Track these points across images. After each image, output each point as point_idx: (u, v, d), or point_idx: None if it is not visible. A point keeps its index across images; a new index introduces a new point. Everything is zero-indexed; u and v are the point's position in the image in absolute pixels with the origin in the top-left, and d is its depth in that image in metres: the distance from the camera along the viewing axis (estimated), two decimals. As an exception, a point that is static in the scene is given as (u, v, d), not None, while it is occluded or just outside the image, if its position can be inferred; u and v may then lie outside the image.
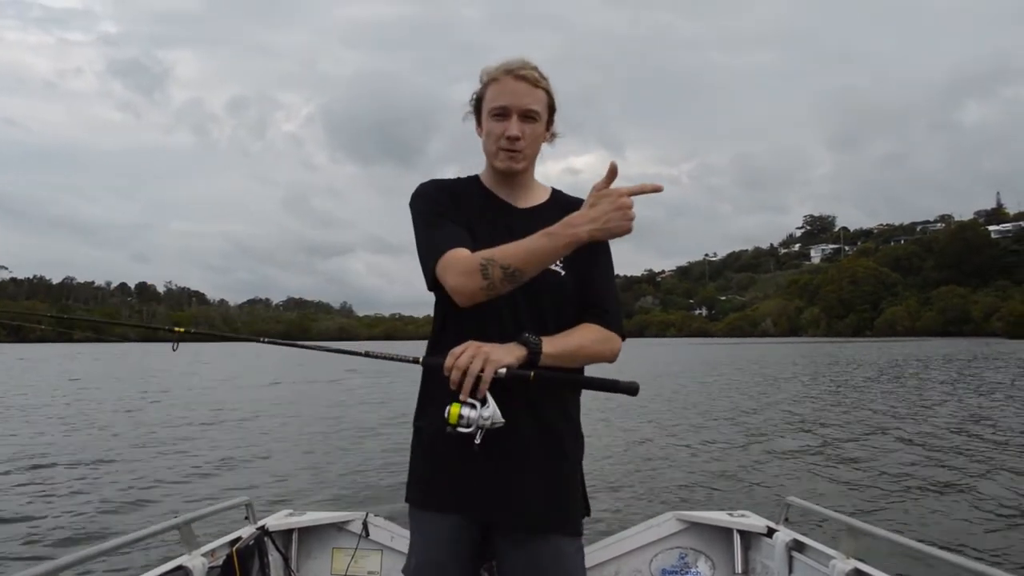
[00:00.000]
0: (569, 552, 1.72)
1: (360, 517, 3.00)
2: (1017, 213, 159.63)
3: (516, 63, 1.72)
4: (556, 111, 1.79)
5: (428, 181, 1.85)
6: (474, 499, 1.68)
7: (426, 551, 1.75)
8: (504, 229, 1.73)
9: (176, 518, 2.46)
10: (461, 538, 1.72)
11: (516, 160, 1.73)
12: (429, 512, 1.75)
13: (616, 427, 12.09)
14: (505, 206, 1.80)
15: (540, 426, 1.69)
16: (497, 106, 1.71)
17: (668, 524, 2.97)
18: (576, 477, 1.78)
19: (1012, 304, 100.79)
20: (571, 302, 1.74)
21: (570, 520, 1.73)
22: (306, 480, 8.27)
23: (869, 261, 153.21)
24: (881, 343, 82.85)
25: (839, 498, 7.21)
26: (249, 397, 19.00)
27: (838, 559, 2.36)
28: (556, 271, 1.72)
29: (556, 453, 1.72)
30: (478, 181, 1.85)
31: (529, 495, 1.68)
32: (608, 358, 1.73)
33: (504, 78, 1.71)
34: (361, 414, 14.82)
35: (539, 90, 1.72)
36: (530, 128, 1.72)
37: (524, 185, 1.82)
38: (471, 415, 1.53)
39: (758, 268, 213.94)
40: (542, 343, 1.60)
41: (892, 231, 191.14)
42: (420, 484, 1.77)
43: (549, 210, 1.79)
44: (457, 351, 1.54)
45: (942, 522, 6.38)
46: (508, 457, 1.65)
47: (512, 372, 1.53)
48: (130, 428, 12.73)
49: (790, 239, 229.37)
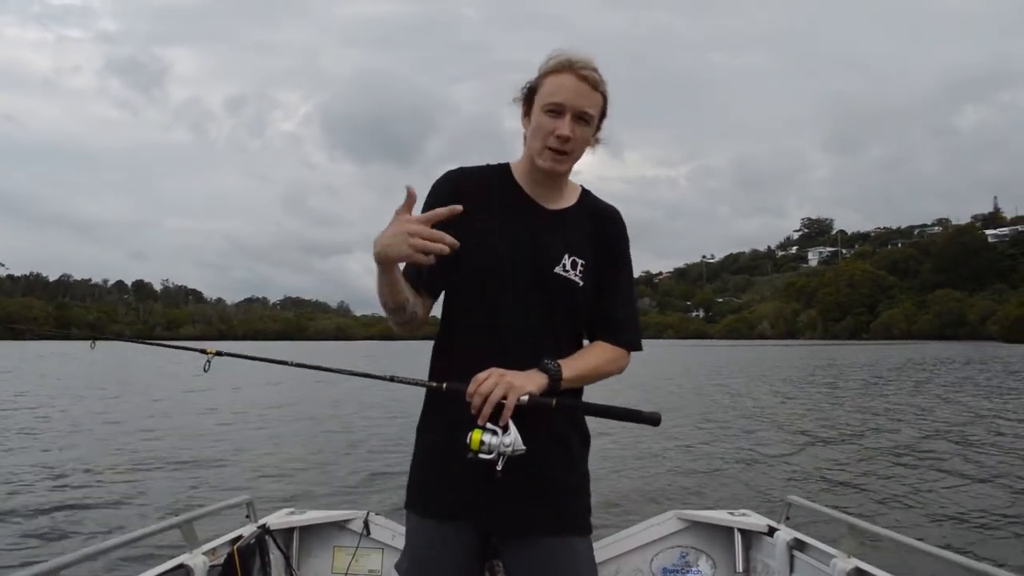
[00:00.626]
0: (580, 550, 1.69)
1: (361, 516, 2.99)
2: (1014, 217, 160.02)
3: (581, 60, 1.62)
4: (606, 117, 1.71)
5: (456, 169, 1.78)
6: (477, 508, 1.64)
7: (422, 556, 1.71)
8: (527, 232, 1.69)
9: (177, 517, 2.46)
10: (460, 544, 1.68)
11: (561, 162, 1.65)
12: (428, 519, 1.70)
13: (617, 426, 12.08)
14: (533, 207, 1.73)
15: (552, 440, 1.65)
16: (554, 102, 1.61)
17: (669, 523, 2.97)
18: (584, 478, 1.76)
19: (1008, 308, 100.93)
20: (585, 311, 1.71)
21: (579, 519, 1.70)
22: (307, 479, 8.27)
23: (866, 264, 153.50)
24: (877, 346, 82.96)
25: (840, 497, 7.24)
26: (250, 397, 18.98)
27: (839, 558, 2.37)
28: (574, 280, 1.67)
29: (566, 462, 1.69)
30: (509, 173, 1.76)
31: (537, 502, 1.64)
32: (616, 374, 1.74)
33: (566, 74, 1.62)
34: (362, 413, 14.81)
35: (598, 94, 1.64)
36: (581, 131, 1.64)
37: (557, 186, 1.74)
38: (492, 441, 1.51)
39: (755, 270, 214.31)
40: (561, 369, 1.58)
41: (889, 234, 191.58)
42: (420, 490, 1.72)
43: (577, 213, 1.75)
44: (480, 377, 1.51)
45: (943, 521, 6.41)
46: (516, 468, 1.57)
47: (534, 400, 1.52)
48: (130, 428, 12.69)
49: (787, 242, 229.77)
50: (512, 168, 1.77)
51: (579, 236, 1.71)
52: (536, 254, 1.67)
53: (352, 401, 17.39)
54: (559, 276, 1.66)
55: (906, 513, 6.69)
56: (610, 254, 1.74)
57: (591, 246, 1.71)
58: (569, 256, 1.68)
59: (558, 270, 1.66)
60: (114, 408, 16.02)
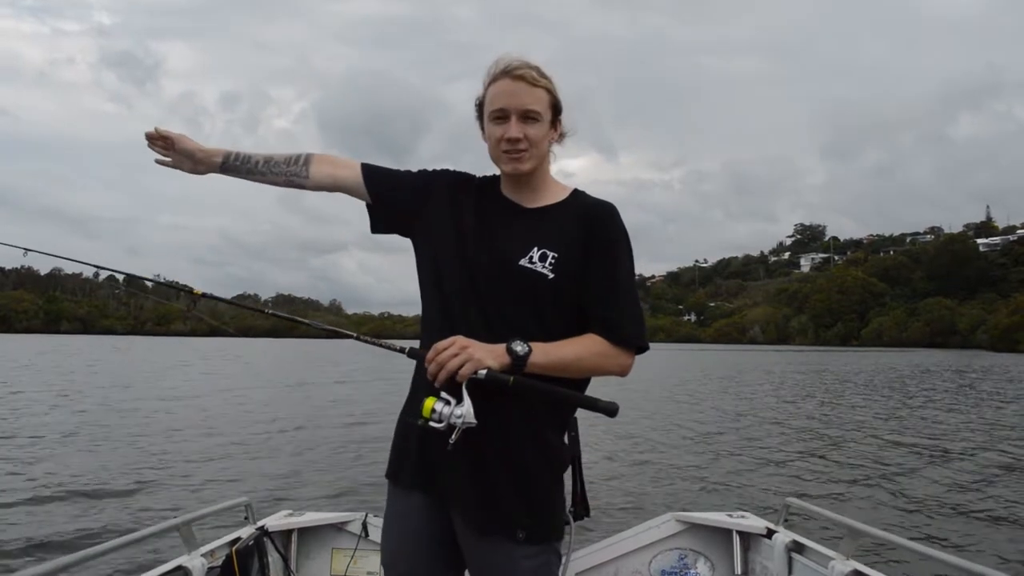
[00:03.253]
0: (521, 561, 1.63)
1: (359, 518, 3.00)
2: (1006, 227, 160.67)
3: (514, 63, 1.66)
4: (562, 110, 1.73)
5: (460, 171, 1.87)
6: (436, 483, 1.68)
7: (390, 525, 1.78)
8: (503, 226, 1.71)
9: (175, 518, 2.46)
10: (427, 518, 1.71)
11: (521, 161, 1.67)
12: (399, 488, 1.77)
13: (616, 428, 12.11)
14: (512, 206, 1.76)
15: (509, 423, 1.62)
16: (496, 108, 1.66)
17: (667, 525, 2.98)
18: (545, 484, 1.69)
19: (997, 317, 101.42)
20: (558, 306, 1.67)
21: (519, 525, 1.63)
22: (305, 480, 8.25)
23: (858, 271, 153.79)
24: (868, 353, 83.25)
25: (838, 499, 7.28)
26: (249, 397, 18.90)
27: (837, 560, 2.38)
28: (542, 272, 1.65)
29: (526, 461, 1.65)
30: (496, 180, 1.83)
31: (483, 490, 1.63)
32: (615, 372, 1.67)
33: (501, 79, 1.65)
34: (361, 414, 14.78)
35: (538, 89, 1.66)
36: (532, 129, 1.66)
37: (534, 186, 1.76)
38: (444, 411, 1.52)
39: (748, 275, 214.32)
40: (531, 352, 1.56)
41: (882, 242, 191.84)
42: (392, 459, 1.80)
43: (562, 210, 1.74)
44: (441, 345, 1.53)
45: (941, 523, 6.44)
46: (474, 451, 1.59)
47: (492, 375, 1.52)
48: (129, 427, 12.62)
49: (780, 247, 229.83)
50: (500, 179, 1.82)
51: (557, 230, 1.70)
52: (502, 247, 1.69)
53: (352, 401, 17.37)
54: (523, 268, 1.66)
55: (904, 515, 6.73)
56: (600, 247, 1.71)
57: (576, 241, 1.69)
58: (539, 249, 1.67)
59: (523, 262, 1.66)
60: (113, 408, 15.91)
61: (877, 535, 2.31)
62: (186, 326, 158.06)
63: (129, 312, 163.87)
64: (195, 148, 1.84)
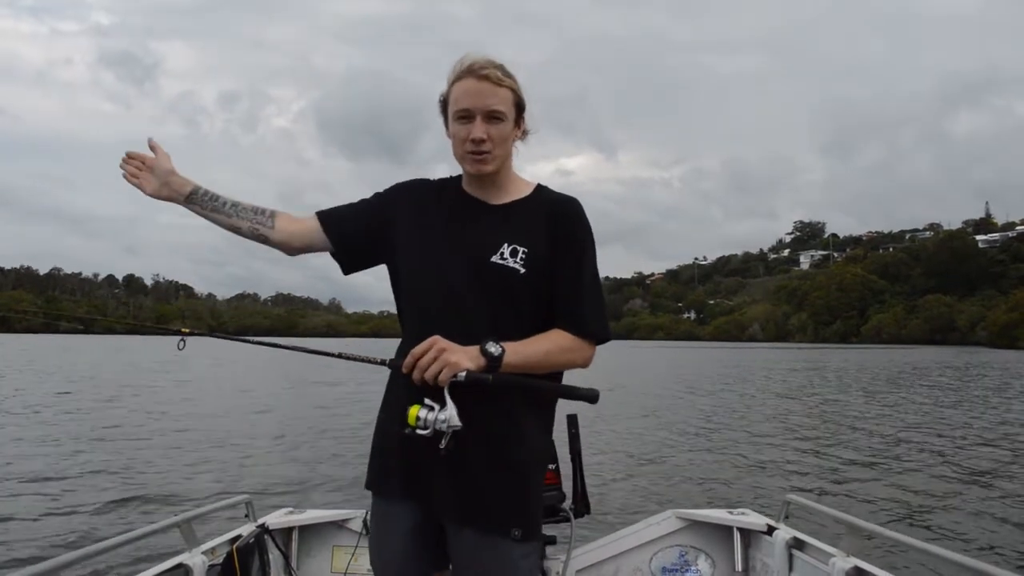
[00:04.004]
0: (512, 556, 1.66)
1: (360, 515, 3.00)
2: (1005, 223, 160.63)
3: (478, 62, 1.65)
4: (525, 108, 1.73)
5: (412, 180, 1.87)
6: (424, 490, 1.68)
7: (378, 533, 1.79)
8: (471, 223, 1.72)
9: (176, 516, 2.46)
10: (409, 522, 1.71)
11: (485, 162, 1.68)
12: (383, 499, 1.77)
13: (616, 425, 12.13)
14: (476, 204, 1.77)
15: (493, 424, 1.64)
16: (460, 108, 1.65)
17: (668, 522, 2.99)
18: (531, 480, 1.71)
19: (996, 314, 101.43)
20: (532, 301, 1.69)
21: (513, 523, 1.65)
22: (306, 478, 8.26)
23: (857, 268, 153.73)
24: (868, 350, 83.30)
25: (839, 496, 7.29)
26: (249, 397, 18.91)
27: (838, 557, 2.38)
28: (514, 268, 1.66)
29: (501, 452, 1.66)
30: (458, 180, 1.83)
31: (469, 490, 1.64)
32: (580, 364, 1.70)
33: (466, 79, 1.64)
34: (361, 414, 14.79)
35: (503, 88, 1.66)
36: (496, 129, 1.66)
37: (499, 184, 1.77)
38: (428, 417, 1.53)
39: (747, 273, 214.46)
40: (504, 353, 1.57)
41: (881, 239, 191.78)
42: (372, 470, 1.80)
43: (526, 206, 1.76)
44: (419, 350, 1.54)
45: (942, 520, 6.45)
46: (461, 454, 1.60)
47: (472, 376, 1.53)
48: (129, 427, 12.63)
49: (779, 244, 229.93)
50: (463, 176, 1.82)
51: (525, 225, 1.72)
52: (472, 244, 1.70)
53: (351, 401, 17.37)
54: (495, 264, 1.67)
55: (905, 512, 6.74)
56: (566, 243, 1.73)
57: (543, 236, 1.71)
58: (508, 244, 1.68)
59: (495, 259, 1.68)
60: (112, 406, 15.93)
61: (878, 532, 2.31)
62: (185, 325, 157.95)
63: (128, 312, 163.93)
64: (171, 170, 1.82)
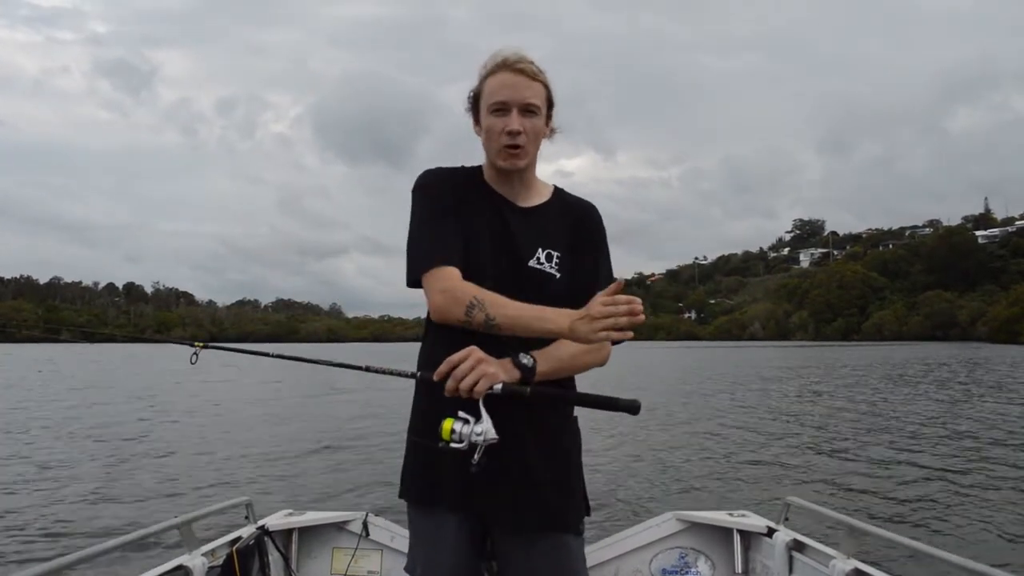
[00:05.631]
0: (574, 549, 1.72)
1: (360, 517, 2.98)
2: (1005, 218, 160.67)
3: (513, 56, 1.67)
4: (554, 106, 1.74)
5: (433, 169, 1.81)
6: (473, 496, 1.66)
7: (426, 549, 1.74)
8: (502, 228, 1.73)
9: (176, 518, 2.45)
10: (461, 535, 1.70)
11: (519, 157, 1.68)
12: (426, 508, 1.73)
13: (616, 427, 12.12)
14: (507, 204, 1.76)
15: (538, 426, 1.67)
16: (496, 101, 1.65)
17: (668, 524, 2.97)
18: (576, 474, 1.77)
19: (996, 309, 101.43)
20: (568, 305, 1.66)
21: (572, 518, 1.72)
22: (306, 480, 8.26)
23: (857, 265, 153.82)
24: (869, 347, 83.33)
25: (839, 498, 7.27)
26: (248, 397, 18.91)
27: (838, 559, 2.37)
28: (551, 273, 1.71)
29: (555, 451, 1.71)
30: (480, 175, 1.80)
31: (531, 494, 1.66)
32: (599, 364, 1.72)
33: (502, 72, 1.66)
34: (361, 414, 14.79)
35: (538, 83, 1.67)
36: (531, 123, 1.67)
37: (526, 183, 1.77)
38: (464, 430, 1.50)
39: (747, 272, 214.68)
40: (536, 363, 1.58)
41: (881, 236, 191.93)
42: (416, 480, 1.74)
43: (550, 209, 1.78)
44: (455, 359, 1.51)
45: (942, 522, 6.43)
46: (507, 457, 1.60)
47: (508, 388, 1.52)
48: (129, 428, 12.64)
49: (779, 243, 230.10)
50: (483, 170, 1.80)
51: (553, 230, 1.75)
52: (511, 249, 1.71)
53: (350, 401, 17.36)
54: (533, 269, 1.70)
55: (905, 514, 6.72)
56: (589, 246, 1.78)
57: (568, 239, 1.75)
58: (543, 249, 1.72)
59: (532, 263, 1.71)
60: (112, 409, 15.94)
61: (878, 534, 2.30)
62: (186, 332, 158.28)
63: (129, 320, 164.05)
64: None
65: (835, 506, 6.25)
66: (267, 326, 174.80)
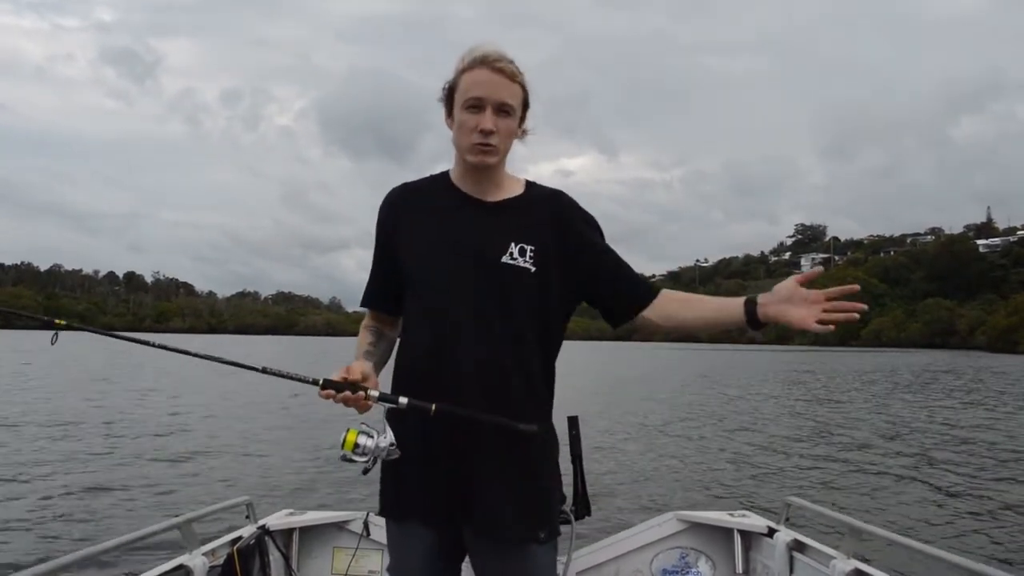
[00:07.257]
0: (539, 557, 1.70)
1: (361, 517, 2.99)
2: (1007, 228, 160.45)
3: (493, 54, 1.64)
4: (529, 108, 1.73)
5: (394, 188, 1.83)
6: (441, 509, 1.67)
7: (401, 559, 1.76)
8: (467, 223, 1.71)
9: (177, 517, 2.46)
10: (433, 545, 1.71)
11: (489, 155, 1.66)
12: (399, 522, 1.74)
13: (616, 427, 12.12)
14: (473, 202, 1.74)
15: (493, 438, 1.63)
16: (472, 97, 1.63)
17: (669, 524, 2.98)
18: (543, 483, 1.73)
19: (996, 318, 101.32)
20: (542, 298, 1.70)
21: (533, 526, 1.68)
22: (307, 479, 8.25)
23: (858, 271, 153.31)
24: (867, 353, 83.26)
25: (840, 498, 7.29)
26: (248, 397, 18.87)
27: (839, 559, 2.38)
28: (524, 267, 1.67)
29: (513, 461, 1.66)
30: (447, 177, 1.79)
31: (498, 504, 1.65)
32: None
33: (480, 69, 1.63)
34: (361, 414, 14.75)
35: (516, 84, 1.66)
36: (504, 123, 1.65)
37: (493, 180, 1.75)
38: (368, 444, 1.50)
39: (748, 275, 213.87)
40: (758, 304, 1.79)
41: (882, 242, 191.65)
42: (388, 495, 1.75)
43: (521, 202, 1.76)
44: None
45: (942, 522, 6.45)
46: (473, 465, 1.63)
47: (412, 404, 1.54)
48: (129, 427, 12.59)
49: (781, 247, 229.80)
50: (450, 173, 1.79)
51: (527, 223, 1.72)
52: (481, 246, 1.69)
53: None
54: (506, 265, 1.67)
55: (906, 514, 6.74)
56: (576, 230, 1.76)
57: (548, 231, 1.72)
58: (516, 244, 1.69)
59: (505, 259, 1.68)
60: (111, 407, 15.88)
61: (878, 534, 2.32)
62: (185, 323, 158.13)
63: (128, 309, 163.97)
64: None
65: (835, 506, 6.26)
66: (266, 318, 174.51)
